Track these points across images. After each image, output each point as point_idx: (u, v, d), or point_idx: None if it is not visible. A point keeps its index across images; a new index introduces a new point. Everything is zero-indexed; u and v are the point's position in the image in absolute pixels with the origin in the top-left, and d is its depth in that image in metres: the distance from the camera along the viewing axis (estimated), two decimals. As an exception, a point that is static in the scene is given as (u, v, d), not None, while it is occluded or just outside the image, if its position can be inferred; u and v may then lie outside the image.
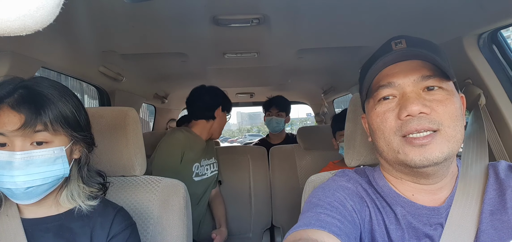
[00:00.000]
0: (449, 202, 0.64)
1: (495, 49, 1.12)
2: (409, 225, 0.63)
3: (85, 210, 0.75)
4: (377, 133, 0.64)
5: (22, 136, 0.64)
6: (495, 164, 0.69)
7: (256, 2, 1.00)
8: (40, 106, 0.65)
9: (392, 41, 0.66)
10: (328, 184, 0.70)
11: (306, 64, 1.89)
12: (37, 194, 0.68)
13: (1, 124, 0.63)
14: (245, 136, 25.86)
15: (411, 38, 0.65)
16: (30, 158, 0.65)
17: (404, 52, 0.61)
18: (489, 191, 0.64)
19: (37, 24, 0.25)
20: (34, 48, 1.17)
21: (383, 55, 0.63)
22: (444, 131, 0.58)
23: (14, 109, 0.64)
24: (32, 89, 0.67)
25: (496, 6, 0.90)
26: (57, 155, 0.68)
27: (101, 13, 1.02)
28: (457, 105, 0.60)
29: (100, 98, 2.03)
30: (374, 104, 0.65)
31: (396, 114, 0.61)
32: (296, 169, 2.02)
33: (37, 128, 0.65)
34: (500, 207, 0.61)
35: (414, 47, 0.62)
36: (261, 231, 2.04)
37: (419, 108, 0.58)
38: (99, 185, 0.82)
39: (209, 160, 1.81)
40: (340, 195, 0.65)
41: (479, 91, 1.11)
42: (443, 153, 0.58)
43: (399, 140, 0.60)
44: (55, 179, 0.69)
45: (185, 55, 1.57)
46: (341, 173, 0.75)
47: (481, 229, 0.60)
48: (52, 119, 0.66)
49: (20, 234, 0.70)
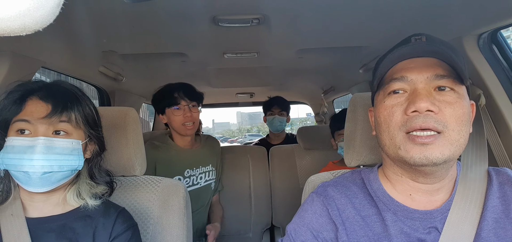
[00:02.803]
0: (446, 206, 0.64)
1: (495, 49, 1.12)
2: (401, 231, 0.63)
3: (91, 207, 0.78)
4: (383, 126, 0.64)
5: (47, 123, 0.70)
6: (499, 170, 0.69)
7: (256, 2, 1.00)
8: (67, 100, 0.73)
9: (412, 36, 0.65)
10: (301, 215, 0.72)
11: (306, 64, 1.89)
12: (51, 182, 0.71)
13: (28, 112, 0.70)
14: (245, 136, 25.89)
15: (432, 37, 0.64)
16: (52, 145, 0.70)
17: (423, 47, 0.61)
18: (493, 199, 0.63)
19: (37, 24, 0.25)
20: (34, 48, 1.17)
21: (399, 48, 0.63)
22: (448, 134, 0.58)
23: (42, 100, 0.71)
24: (59, 86, 0.76)
25: (496, 6, 0.91)
26: (75, 146, 0.74)
27: (101, 13, 1.02)
28: (465, 110, 0.60)
29: (100, 98, 2.03)
30: (383, 97, 0.65)
31: (404, 109, 0.60)
32: (296, 169, 2.02)
33: (63, 118, 0.72)
34: (504, 216, 0.61)
35: (433, 44, 0.62)
36: (261, 231, 2.04)
37: (427, 106, 0.57)
38: (107, 184, 0.84)
39: (204, 167, 1.70)
40: (309, 237, 0.68)
41: (479, 92, 1.11)
42: (443, 155, 0.57)
43: (403, 136, 0.60)
44: (69, 169, 0.73)
45: (185, 55, 1.57)
46: (320, 190, 0.74)
47: (482, 236, 0.60)
48: (76, 113, 0.74)
49: (24, 233, 0.71)
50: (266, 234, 2.07)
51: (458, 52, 0.65)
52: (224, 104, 3.73)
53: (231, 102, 3.60)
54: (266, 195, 2.06)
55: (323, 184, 0.76)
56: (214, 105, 3.76)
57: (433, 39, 0.64)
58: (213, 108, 3.94)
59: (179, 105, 1.58)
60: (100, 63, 1.62)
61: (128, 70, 1.85)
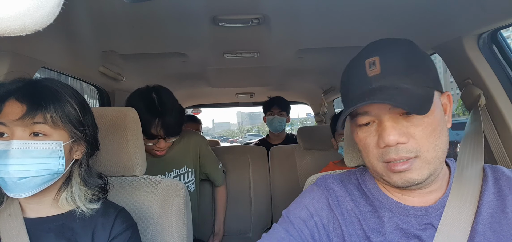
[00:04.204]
0: (441, 202, 0.64)
1: (495, 49, 1.12)
2: (396, 227, 0.64)
3: (86, 213, 0.75)
4: (363, 153, 0.66)
5: (21, 125, 0.66)
6: (493, 166, 0.69)
7: (256, 2, 1.00)
8: (42, 99, 0.68)
9: (365, 59, 0.62)
10: (298, 200, 0.73)
11: (306, 64, 1.89)
12: (29, 187, 0.67)
13: (5, 114, 0.66)
14: (245, 136, 25.88)
15: (385, 58, 0.60)
16: (26, 148, 0.65)
17: (376, 95, 0.58)
18: (488, 194, 0.64)
19: (37, 24, 0.25)
20: (34, 48, 1.17)
21: (357, 84, 0.62)
22: (423, 156, 0.58)
23: (18, 101, 0.67)
24: (39, 84, 0.71)
25: (496, 6, 0.91)
26: (54, 148, 0.69)
27: (101, 13, 1.02)
28: (436, 121, 0.59)
29: (100, 98, 2.03)
30: (355, 127, 0.66)
31: (376, 142, 0.61)
32: (296, 169, 2.02)
33: (37, 119, 0.67)
34: (499, 211, 0.61)
35: (387, 75, 0.59)
36: (261, 231, 2.04)
37: (395, 139, 0.57)
38: (99, 188, 0.81)
39: (178, 169, 1.55)
40: (305, 213, 0.68)
41: (479, 92, 1.11)
42: (423, 176, 0.59)
43: (382, 165, 0.62)
44: (49, 173, 0.69)
45: (185, 55, 1.57)
46: (320, 182, 0.75)
47: (477, 230, 0.60)
48: (53, 112, 0.68)
49: (23, 233, 0.71)
50: (266, 234, 2.06)
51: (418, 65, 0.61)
52: (224, 104, 3.74)
53: (231, 102, 3.60)
54: (266, 195, 2.06)
55: (324, 176, 0.77)
56: (214, 105, 3.76)
57: (388, 61, 0.60)
58: (213, 108, 3.94)
59: (154, 140, 1.38)
60: (100, 63, 1.62)
61: (128, 70, 1.85)
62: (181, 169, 1.57)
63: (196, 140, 1.67)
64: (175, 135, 1.43)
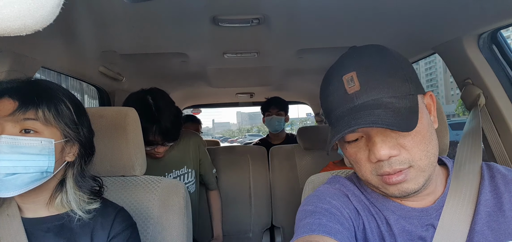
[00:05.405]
0: (440, 202, 0.64)
1: (495, 49, 1.12)
2: (403, 229, 0.63)
3: (84, 217, 0.74)
4: (355, 167, 0.64)
5: (12, 121, 0.65)
6: (491, 165, 0.69)
7: (256, 2, 1.00)
8: (35, 95, 0.67)
9: (342, 75, 0.60)
10: (322, 192, 0.70)
11: (306, 64, 1.89)
12: (16, 185, 0.65)
13: None
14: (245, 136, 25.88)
15: (361, 72, 0.59)
16: (14, 143, 0.64)
17: (361, 117, 0.57)
18: (485, 192, 0.64)
19: (37, 24, 0.25)
20: (34, 48, 1.17)
21: (339, 102, 0.61)
22: (417, 165, 0.58)
23: (11, 97, 0.66)
24: (35, 83, 0.71)
25: (496, 6, 0.91)
26: (44, 145, 0.67)
27: (101, 13, 1.02)
28: (425, 125, 0.59)
29: (100, 98, 2.03)
30: (344, 143, 0.64)
31: (367, 156, 0.60)
32: (296, 169, 2.02)
33: (28, 115, 0.66)
34: (496, 209, 0.61)
35: (368, 90, 0.58)
36: (261, 231, 2.04)
37: (387, 153, 0.56)
38: (94, 191, 0.79)
39: (177, 170, 1.55)
40: (336, 203, 0.65)
41: (479, 92, 1.11)
42: (419, 184, 0.59)
43: (377, 178, 0.61)
44: (38, 171, 0.66)
45: (185, 55, 1.57)
46: (333, 180, 0.74)
47: (476, 230, 0.60)
48: (45, 109, 0.67)
49: (21, 234, 0.70)
50: (266, 234, 2.06)
51: (396, 72, 0.59)
52: (224, 104, 3.74)
53: (231, 102, 3.60)
54: (266, 195, 2.06)
55: (333, 176, 0.76)
56: (214, 105, 3.76)
57: (364, 75, 0.58)
58: (213, 108, 3.94)
59: (152, 146, 1.38)
60: (100, 63, 1.62)
61: (128, 70, 1.85)
62: (181, 170, 1.57)
63: (195, 141, 1.68)
64: (173, 140, 1.43)
